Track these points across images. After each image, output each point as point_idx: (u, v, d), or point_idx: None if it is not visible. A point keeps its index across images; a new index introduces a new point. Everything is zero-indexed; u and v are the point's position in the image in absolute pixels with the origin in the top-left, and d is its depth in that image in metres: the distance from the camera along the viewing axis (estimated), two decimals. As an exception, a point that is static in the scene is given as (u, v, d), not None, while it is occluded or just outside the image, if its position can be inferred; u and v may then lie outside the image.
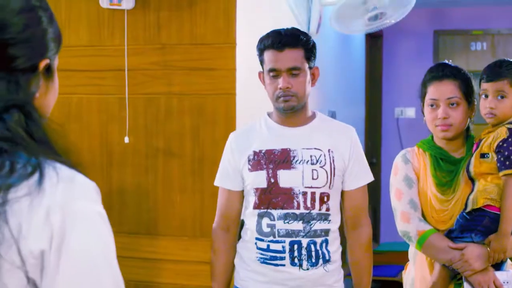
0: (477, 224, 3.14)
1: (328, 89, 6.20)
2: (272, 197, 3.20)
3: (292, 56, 3.17)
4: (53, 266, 1.34)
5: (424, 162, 3.33)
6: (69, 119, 4.43)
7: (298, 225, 3.18)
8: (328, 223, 3.23)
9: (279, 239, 3.20)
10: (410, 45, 9.20)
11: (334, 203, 3.26)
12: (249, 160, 3.25)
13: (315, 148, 3.23)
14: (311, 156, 3.21)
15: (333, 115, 6.29)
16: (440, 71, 3.30)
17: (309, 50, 3.22)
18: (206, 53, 4.17)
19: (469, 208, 3.14)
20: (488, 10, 8.93)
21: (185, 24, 4.21)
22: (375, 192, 8.32)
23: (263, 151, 3.24)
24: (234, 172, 3.31)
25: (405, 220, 3.28)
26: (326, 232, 3.22)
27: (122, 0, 4.14)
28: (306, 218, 3.19)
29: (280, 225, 3.19)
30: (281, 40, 3.17)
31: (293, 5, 4.97)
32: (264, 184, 3.21)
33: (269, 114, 3.36)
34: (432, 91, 3.28)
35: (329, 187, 3.21)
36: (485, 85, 3.21)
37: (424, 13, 8.92)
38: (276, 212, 3.20)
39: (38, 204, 1.34)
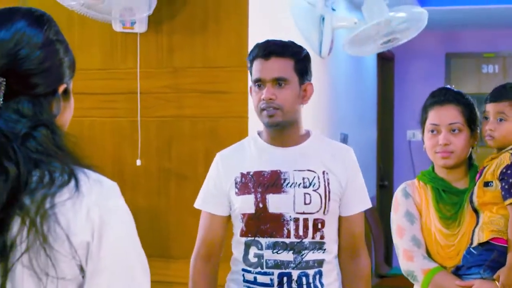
0: (485, 259, 2.95)
1: (340, 111, 6.20)
2: (260, 224, 2.91)
3: (279, 66, 2.91)
4: (95, 254, 1.63)
5: (426, 196, 3.15)
6: (82, 141, 4.42)
7: (288, 256, 2.88)
8: (323, 252, 2.93)
9: (267, 270, 2.90)
10: (422, 67, 9.21)
11: (330, 230, 2.96)
12: (236, 183, 2.97)
13: (308, 170, 2.94)
14: (303, 179, 2.92)
15: (345, 137, 6.29)
16: (442, 96, 3.15)
17: (300, 62, 2.96)
18: (218, 76, 4.19)
19: (475, 243, 2.97)
20: (499, 33, 8.93)
21: (197, 47, 4.23)
22: (387, 214, 8.29)
23: (251, 173, 2.95)
24: (219, 195, 3.03)
25: (408, 259, 3.08)
26: (320, 262, 2.93)
27: (135, 24, 4.17)
28: (297, 248, 2.88)
29: (268, 255, 2.90)
30: (267, 47, 2.94)
31: (304, 28, 4.99)
32: (251, 210, 2.91)
33: (259, 133, 3.11)
34: (433, 116, 3.13)
35: (324, 212, 2.92)
36: (487, 106, 3.11)
37: (435, 36, 8.94)
38: (264, 241, 2.90)
39: (80, 204, 1.63)
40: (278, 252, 2.89)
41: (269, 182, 2.92)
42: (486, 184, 3.00)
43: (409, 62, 9.14)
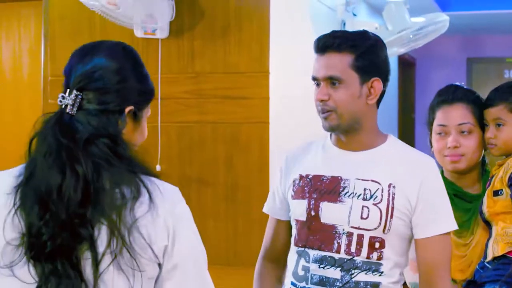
0: (501, 274, 2.65)
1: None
2: (310, 234, 2.58)
3: (332, 62, 2.53)
4: (170, 252, 1.92)
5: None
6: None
7: (334, 273, 2.53)
8: (380, 275, 2.52)
9: (311, 286, 2.57)
10: (443, 72, 9.18)
11: (392, 251, 2.54)
12: (293, 185, 2.67)
13: (372, 180, 2.55)
14: (364, 190, 2.54)
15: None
16: (451, 94, 2.87)
17: (362, 57, 2.54)
18: (239, 81, 4.19)
19: (489, 257, 2.69)
20: (521, 37, 8.89)
21: (218, 53, 4.23)
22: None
23: (310, 176, 2.63)
24: (281, 198, 2.74)
25: (414, 271, 2.77)
26: (375, 286, 2.52)
27: (156, 30, 4.18)
28: (346, 266, 2.52)
29: (314, 269, 2.56)
30: (323, 41, 2.56)
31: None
32: (303, 216, 2.60)
33: (331, 134, 2.71)
34: (441, 116, 2.87)
35: (384, 231, 2.51)
36: (484, 113, 2.85)
37: (457, 41, 8.91)
38: (312, 253, 2.57)
39: (156, 215, 1.89)
40: (325, 268, 2.55)
41: (326, 188, 2.59)
42: (496, 193, 2.74)
43: (430, 67, 9.12)
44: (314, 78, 2.59)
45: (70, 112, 1.92)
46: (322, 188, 2.59)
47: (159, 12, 4.11)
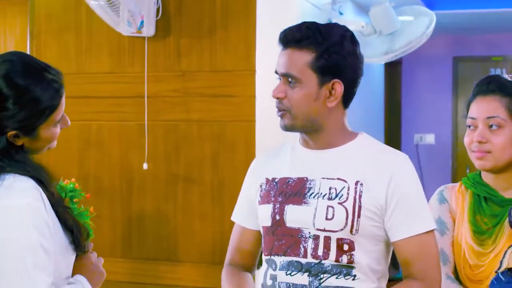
0: None
1: (347, 116, 6.16)
2: (275, 240, 2.41)
3: (291, 59, 2.36)
4: None
5: (463, 203, 2.61)
6: (89, 145, 4.45)
7: (302, 279, 2.35)
8: (353, 279, 2.33)
9: None
10: (429, 71, 9.20)
11: (363, 254, 2.34)
12: (260, 190, 2.50)
13: (338, 179, 2.36)
14: (330, 189, 2.36)
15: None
16: (485, 85, 2.57)
17: (324, 56, 2.34)
18: (226, 80, 4.19)
19: (503, 267, 2.46)
20: (507, 36, 8.92)
21: (205, 51, 4.23)
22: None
23: (276, 180, 2.46)
24: (249, 204, 2.56)
25: None
26: None
27: (142, 28, 4.17)
28: (313, 270, 2.33)
29: (281, 277, 2.38)
30: (286, 35, 2.38)
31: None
32: (268, 222, 2.43)
33: None
34: (472, 108, 2.58)
35: (351, 231, 2.32)
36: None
37: (443, 40, 8.93)
38: (278, 260, 2.39)
39: None
40: (292, 274, 2.37)
41: (292, 190, 2.41)
42: None
43: (417, 66, 9.13)
44: (276, 72, 2.42)
45: None
46: (287, 191, 2.41)
47: (145, 8, 4.11)
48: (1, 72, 2.11)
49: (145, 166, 4.28)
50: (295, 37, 2.35)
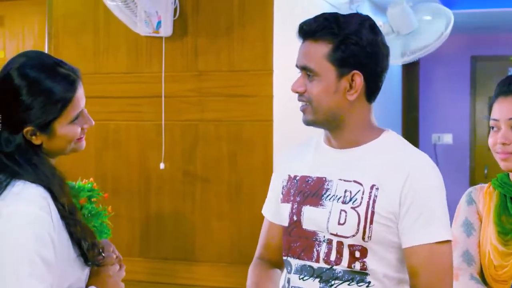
0: None
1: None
2: (291, 241, 2.34)
3: (308, 52, 2.27)
4: None
5: (490, 204, 2.55)
6: (107, 145, 4.46)
7: (313, 284, 2.26)
8: (367, 286, 2.22)
9: None
10: (446, 71, 9.17)
11: (377, 261, 2.23)
12: (283, 187, 2.42)
13: (354, 181, 2.24)
14: (345, 192, 2.25)
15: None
16: (506, 85, 2.53)
17: (341, 47, 2.22)
18: (243, 79, 4.19)
19: None
20: (526, 35, 8.88)
21: (222, 51, 4.23)
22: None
23: (297, 177, 2.37)
24: (275, 199, 2.46)
25: (454, 277, 2.36)
26: None
27: (160, 28, 4.18)
28: (325, 276, 2.24)
29: (294, 281, 2.32)
30: (303, 27, 2.30)
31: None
32: (286, 222, 2.35)
33: None
34: (495, 109, 2.54)
35: (363, 238, 2.20)
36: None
37: (460, 39, 8.89)
38: (294, 262, 2.32)
39: None
40: (304, 279, 2.29)
41: (310, 190, 2.31)
42: None
43: (434, 65, 9.10)
44: (296, 66, 2.33)
45: None
46: (306, 191, 2.32)
47: (163, 8, 4.12)
48: (15, 65, 2.13)
49: (162, 165, 4.28)
50: (311, 28, 2.27)
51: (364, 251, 2.21)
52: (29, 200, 2.04)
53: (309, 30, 2.27)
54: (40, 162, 2.13)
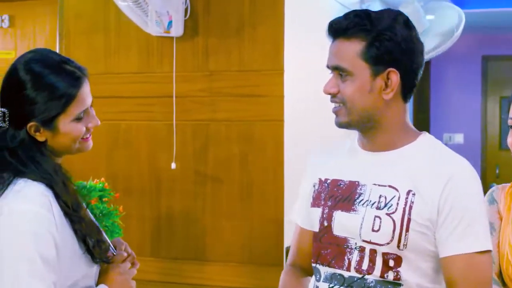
0: None
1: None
2: (321, 248, 2.22)
3: (340, 51, 2.14)
4: None
5: (510, 203, 2.47)
6: (118, 144, 4.47)
7: None
8: None
9: None
10: (458, 70, 9.14)
11: (412, 271, 2.11)
12: (313, 191, 2.30)
13: (389, 186, 2.13)
14: (379, 197, 2.13)
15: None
16: None
17: (375, 44, 2.10)
18: (254, 79, 4.19)
19: None
20: (537, 35, 8.86)
21: (233, 51, 4.23)
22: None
23: (328, 181, 2.26)
24: (304, 203, 2.35)
25: None
26: None
27: (171, 28, 4.18)
28: (356, 286, 2.13)
29: None
30: (333, 25, 2.16)
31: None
32: (316, 227, 2.23)
33: None
34: None
35: (399, 246, 2.08)
36: None
37: (472, 39, 8.86)
38: (323, 270, 2.21)
39: None
40: None
41: (342, 195, 2.20)
42: None
43: (445, 65, 9.08)
44: (327, 67, 2.20)
45: None
46: (338, 195, 2.20)
47: (173, 8, 4.12)
48: (22, 60, 2.14)
49: (173, 165, 4.29)
50: (342, 26, 2.12)
51: (398, 260, 2.09)
52: (29, 198, 2.03)
53: (340, 28, 2.13)
54: (43, 160, 2.13)
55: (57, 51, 4.58)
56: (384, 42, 2.08)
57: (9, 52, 5.68)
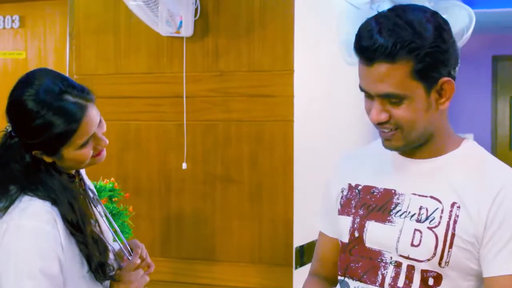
0: None
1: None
2: (351, 261, 2.07)
3: (385, 76, 1.88)
4: None
5: None
6: (128, 145, 4.47)
7: None
8: None
9: None
10: (468, 71, 9.12)
11: None
12: (341, 197, 2.16)
13: (431, 197, 1.96)
14: (420, 208, 1.96)
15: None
16: None
17: (426, 59, 1.87)
18: (264, 80, 4.18)
19: None
20: (548, 35, 8.83)
21: (243, 51, 4.23)
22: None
23: (359, 187, 2.11)
24: (330, 210, 2.21)
25: None
26: None
27: (181, 28, 4.18)
28: None
29: None
30: (369, 47, 1.89)
31: (350, 31, 4.97)
32: (345, 238, 2.09)
33: None
34: None
35: (440, 263, 1.91)
36: None
37: (482, 39, 8.85)
38: (353, 285, 2.06)
39: None
40: None
41: (376, 204, 2.04)
42: None
43: (455, 65, 9.06)
44: (363, 90, 1.99)
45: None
46: (371, 203, 2.05)
47: (184, 9, 4.12)
48: (17, 94, 2.13)
49: (184, 166, 4.29)
50: (382, 49, 1.87)
51: (438, 278, 1.93)
52: (34, 214, 2.04)
53: (384, 52, 1.87)
54: (49, 179, 2.13)
55: (67, 51, 4.59)
56: (435, 54, 1.90)
57: (20, 52, 5.70)
